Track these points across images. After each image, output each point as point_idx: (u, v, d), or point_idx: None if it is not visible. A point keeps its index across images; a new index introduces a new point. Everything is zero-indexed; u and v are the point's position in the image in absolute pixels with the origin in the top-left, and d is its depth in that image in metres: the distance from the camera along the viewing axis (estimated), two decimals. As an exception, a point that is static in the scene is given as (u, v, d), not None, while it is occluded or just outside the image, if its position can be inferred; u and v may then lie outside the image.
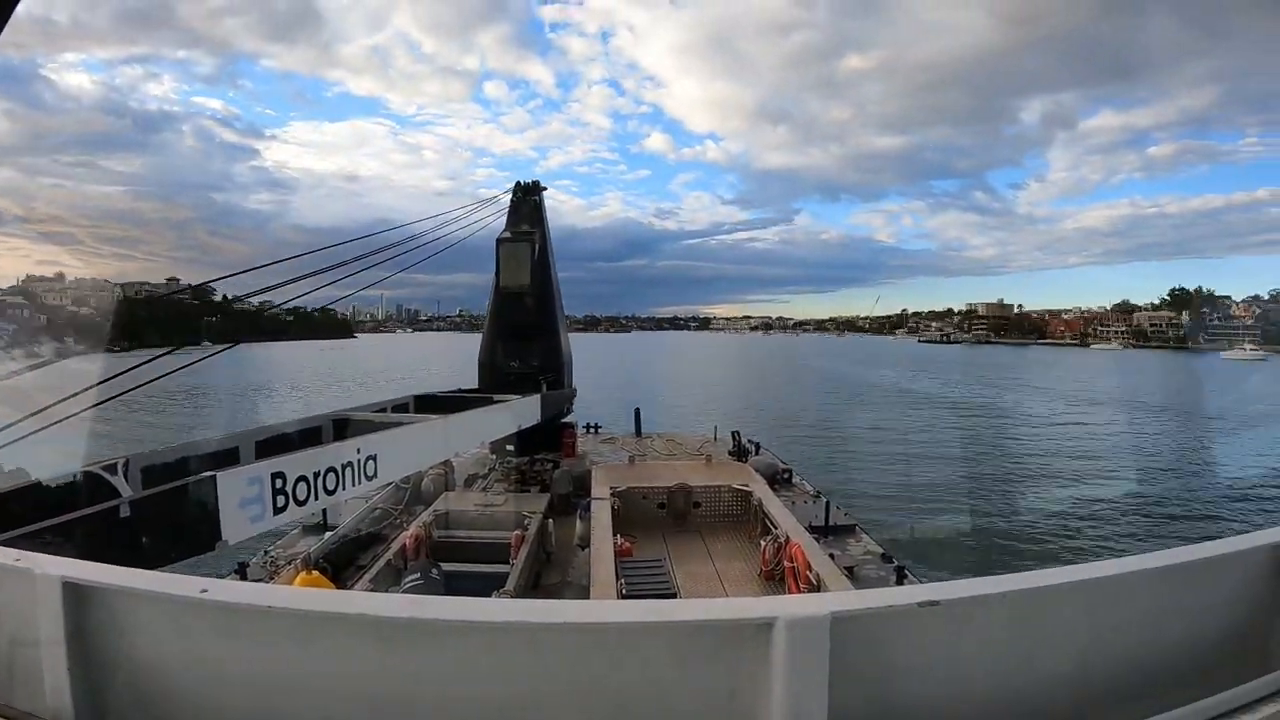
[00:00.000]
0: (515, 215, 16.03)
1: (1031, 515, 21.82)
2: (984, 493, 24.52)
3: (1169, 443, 35.73)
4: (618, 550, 8.78)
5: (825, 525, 12.04)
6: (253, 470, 5.70)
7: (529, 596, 8.74)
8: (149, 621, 1.92)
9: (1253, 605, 2.23)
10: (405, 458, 8.23)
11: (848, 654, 1.72)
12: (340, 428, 8.54)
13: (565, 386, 16.30)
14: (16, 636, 1.95)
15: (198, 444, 6.90)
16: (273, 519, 5.84)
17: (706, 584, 8.95)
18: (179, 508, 4.99)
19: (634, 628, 1.79)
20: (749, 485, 11.37)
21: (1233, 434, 38.93)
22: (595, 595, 7.33)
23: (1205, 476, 28.19)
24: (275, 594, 2.00)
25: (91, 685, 1.91)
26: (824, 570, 7.86)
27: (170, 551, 5.00)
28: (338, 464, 6.54)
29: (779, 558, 8.78)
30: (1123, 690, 2.02)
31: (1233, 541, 2.29)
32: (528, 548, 9.63)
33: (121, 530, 4.57)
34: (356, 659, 1.81)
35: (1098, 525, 20.98)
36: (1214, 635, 2.20)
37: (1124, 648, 2.06)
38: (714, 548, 10.22)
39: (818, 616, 1.69)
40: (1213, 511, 22.73)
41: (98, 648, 1.91)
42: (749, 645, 1.72)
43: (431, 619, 1.80)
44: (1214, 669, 2.09)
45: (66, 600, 1.87)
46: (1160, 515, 22.19)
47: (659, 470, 12.88)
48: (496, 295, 15.38)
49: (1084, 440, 36.95)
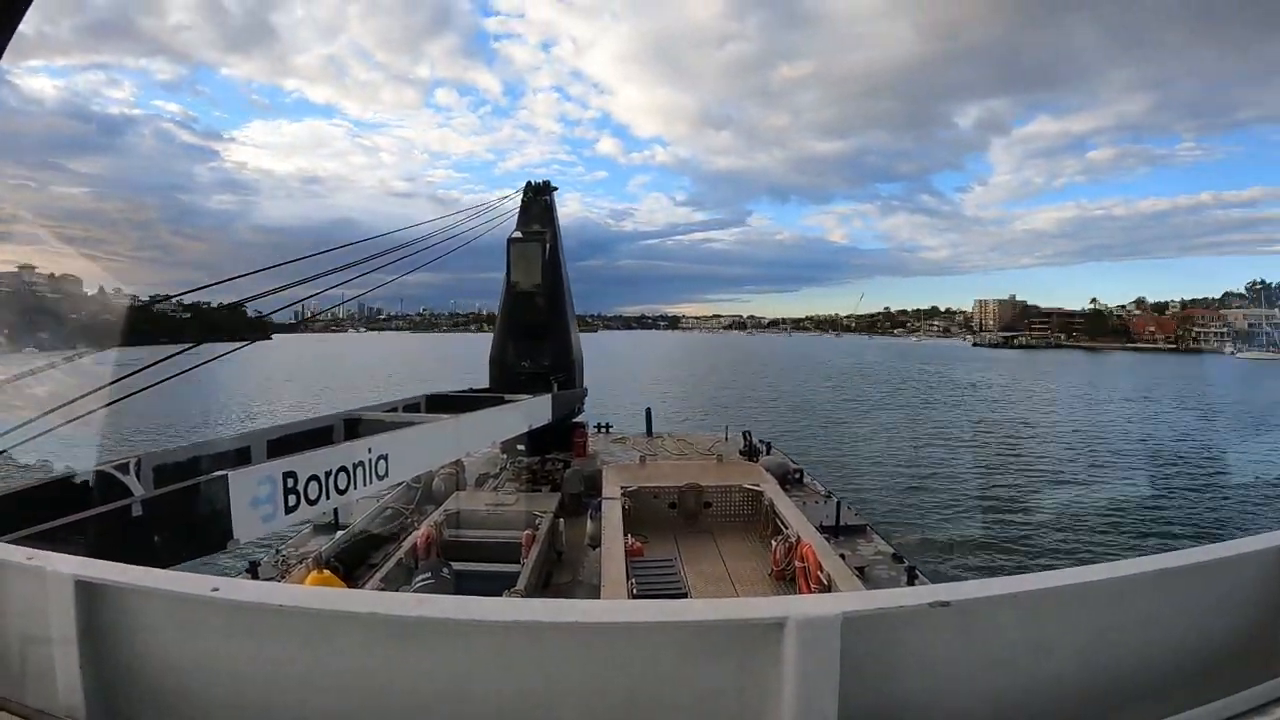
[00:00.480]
0: (526, 215, 16.10)
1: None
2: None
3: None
4: (629, 550, 8.76)
5: (836, 525, 11.97)
6: (264, 470, 5.74)
7: (539, 596, 8.76)
8: (160, 620, 1.93)
9: (1260, 607, 2.20)
10: (416, 457, 8.26)
11: (858, 654, 1.71)
12: (351, 427, 8.59)
13: (576, 386, 16.34)
14: (29, 634, 1.97)
15: (210, 443, 6.98)
16: (284, 518, 5.88)
17: (717, 584, 8.91)
18: (191, 507, 5.02)
19: (645, 627, 1.78)
20: (760, 485, 11.32)
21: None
22: (606, 595, 7.33)
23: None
24: (286, 593, 2.00)
25: (103, 683, 1.92)
26: (835, 570, 7.81)
27: (182, 550, 5.04)
28: (349, 463, 6.58)
29: (790, 558, 8.74)
30: (1131, 692, 2.01)
31: (1241, 543, 2.26)
32: (538, 547, 9.65)
33: (133, 529, 4.60)
34: (367, 658, 1.81)
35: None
36: (1222, 637, 2.18)
37: (1134, 649, 2.04)
38: (725, 548, 10.18)
39: (829, 617, 1.68)
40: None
41: (109, 646, 1.92)
42: (760, 645, 1.72)
43: (442, 618, 1.79)
44: (1222, 672, 2.08)
45: (79, 599, 1.88)
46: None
47: (670, 470, 12.87)
48: (508, 295, 15.44)
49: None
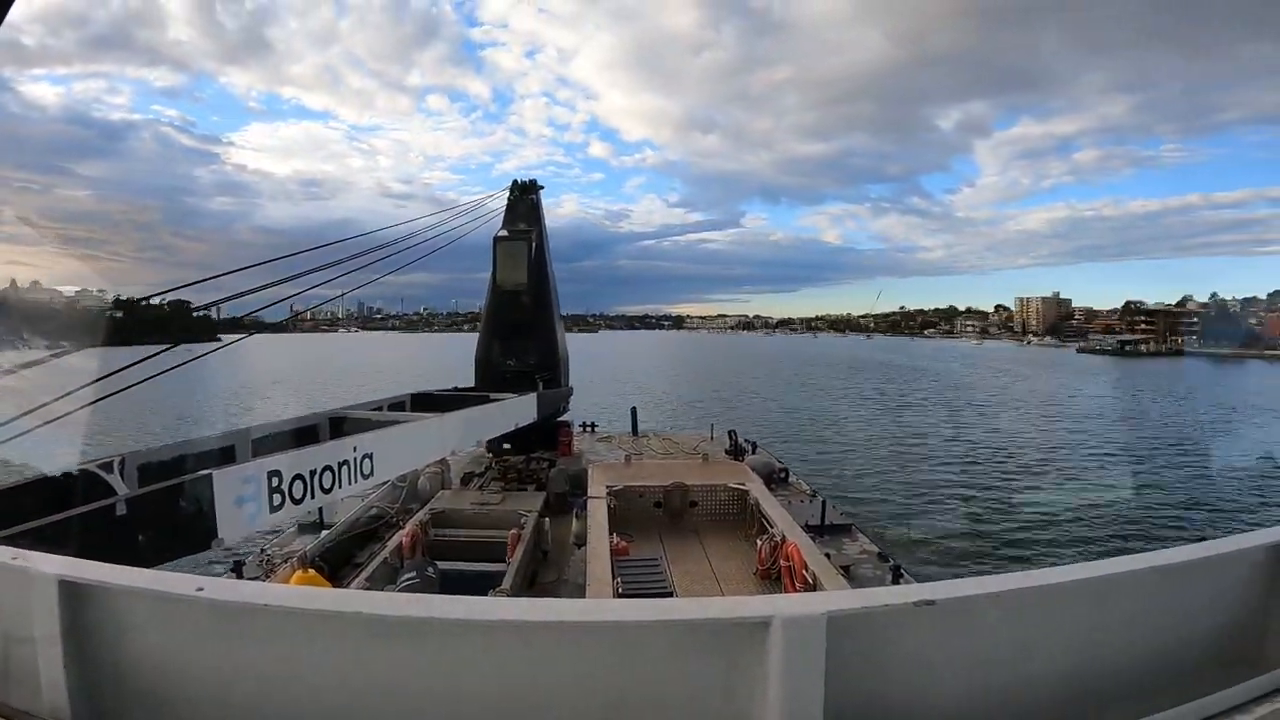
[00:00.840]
0: (512, 214, 16.03)
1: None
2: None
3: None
4: (614, 549, 8.76)
5: (821, 524, 12.05)
6: (249, 468, 5.68)
7: (525, 595, 8.74)
8: (145, 620, 1.92)
9: (1248, 606, 2.24)
10: (401, 456, 8.21)
11: (844, 653, 1.72)
12: (337, 426, 8.51)
13: (562, 385, 16.31)
14: (12, 635, 1.95)
15: (194, 442, 6.87)
16: (269, 517, 5.82)
17: (703, 583, 8.95)
18: (175, 506, 4.97)
19: (630, 626, 1.79)
20: (745, 484, 11.37)
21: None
22: (591, 594, 7.33)
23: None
24: (271, 592, 2.00)
25: (87, 683, 1.90)
26: (820, 569, 7.86)
27: (166, 549, 4.98)
28: (334, 462, 6.53)
29: (775, 557, 8.79)
30: (1118, 690, 2.03)
31: (1228, 541, 2.30)
32: (524, 546, 9.62)
33: (117, 528, 4.55)
34: (352, 657, 1.81)
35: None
36: (1209, 635, 2.21)
37: (1119, 647, 2.07)
38: (710, 547, 10.22)
39: (814, 615, 1.70)
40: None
41: (94, 646, 1.90)
42: (745, 644, 1.73)
43: (427, 617, 1.79)
44: (1209, 669, 2.11)
45: (62, 598, 1.87)
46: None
47: (655, 469, 12.88)
48: (493, 293, 15.37)
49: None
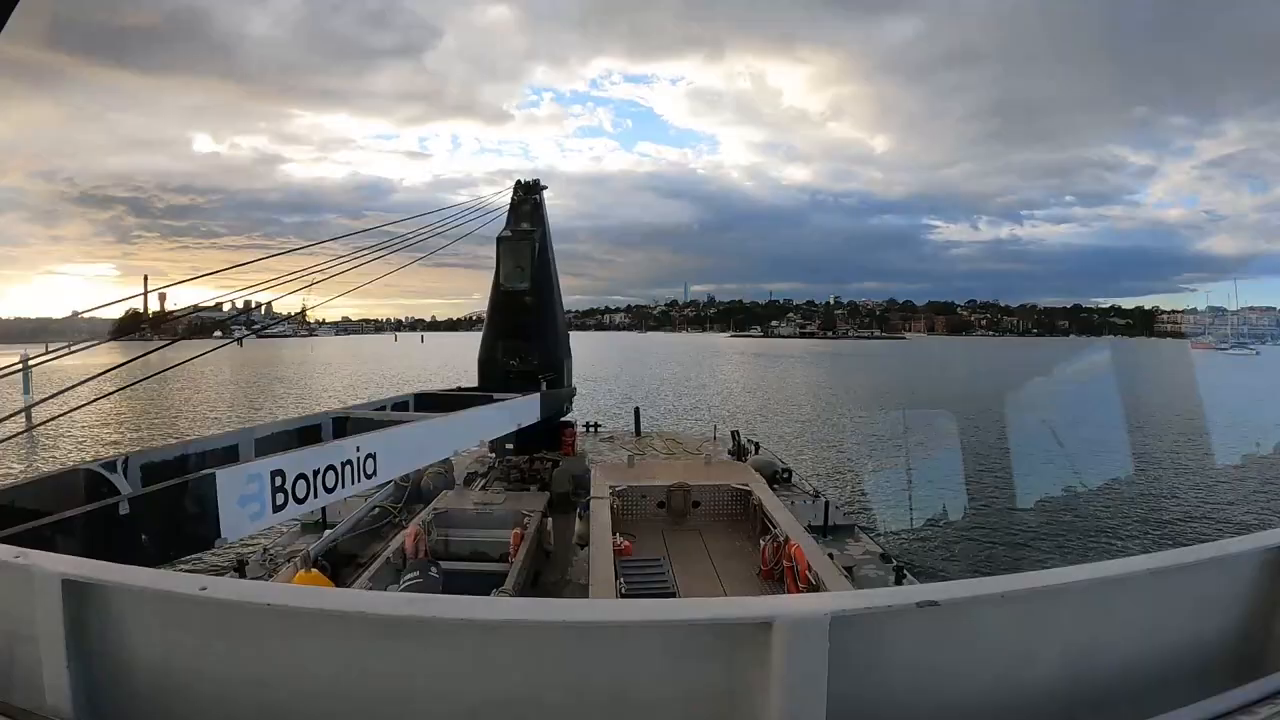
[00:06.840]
0: (515, 214, 16.04)
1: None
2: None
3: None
4: (617, 549, 8.75)
5: (824, 525, 12.03)
6: (252, 468, 5.68)
7: (528, 595, 8.74)
8: (148, 619, 1.92)
9: (1250, 607, 2.23)
10: (404, 456, 8.22)
11: (847, 654, 1.72)
12: (340, 426, 8.53)
13: (565, 385, 16.32)
14: (15, 634, 1.95)
15: (197, 441, 6.88)
16: (272, 517, 5.83)
17: (705, 583, 8.93)
18: (178, 505, 4.97)
19: (633, 627, 1.79)
20: (748, 485, 11.35)
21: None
22: (594, 594, 7.32)
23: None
24: (274, 592, 2.00)
25: (90, 683, 1.91)
26: (823, 570, 7.84)
27: (169, 549, 4.99)
28: (337, 462, 6.53)
29: (778, 557, 8.76)
30: (1120, 691, 2.02)
31: (1231, 543, 2.28)
32: (526, 546, 9.62)
33: (120, 527, 4.55)
34: (355, 657, 1.81)
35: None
36: (1212, 637, 2.20)
37: (1122, 648, 2.06)
38: (713, 547, 10.20)
39: (817, 616, 1.69)
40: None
41: (97, 645, 1.91)
42: (748, 645, 1.72)
43: (430, 617, 1.79)
44: (1211, 671, 2.09)
45: (66, 597, 1.87)
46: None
47: (658, 469, 12.87)
48: (496, 294, 15.39)
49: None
